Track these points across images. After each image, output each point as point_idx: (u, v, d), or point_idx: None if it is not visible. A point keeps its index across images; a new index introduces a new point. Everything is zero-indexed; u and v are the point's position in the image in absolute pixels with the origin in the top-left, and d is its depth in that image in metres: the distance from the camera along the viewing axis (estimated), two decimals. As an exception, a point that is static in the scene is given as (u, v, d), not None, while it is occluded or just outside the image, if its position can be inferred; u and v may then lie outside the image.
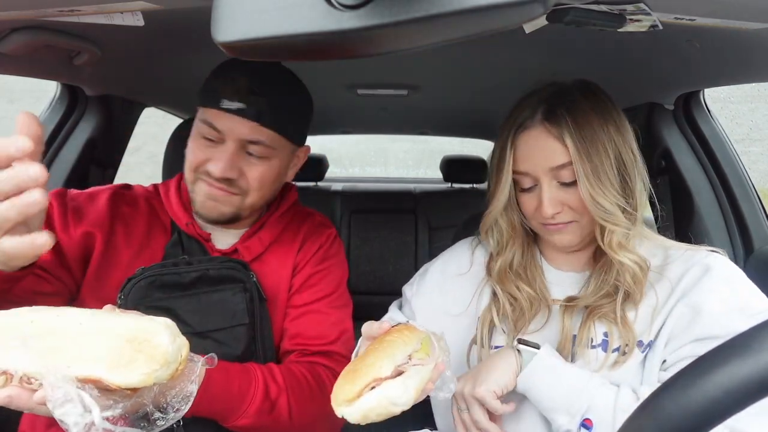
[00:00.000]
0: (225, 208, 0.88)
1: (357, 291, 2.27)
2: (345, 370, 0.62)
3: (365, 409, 0.56)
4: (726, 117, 1.62)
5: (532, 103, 0.78)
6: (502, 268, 0.86)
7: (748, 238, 1.27)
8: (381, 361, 0.60)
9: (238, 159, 0.86)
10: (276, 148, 0.88)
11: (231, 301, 0.85)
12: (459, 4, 0.29)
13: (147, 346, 0.52)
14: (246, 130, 0.84)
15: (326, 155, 2.72)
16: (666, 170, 1.37)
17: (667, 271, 0.78)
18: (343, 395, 0.57)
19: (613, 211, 0.74)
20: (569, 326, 0.78)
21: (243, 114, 0.83)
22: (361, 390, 0.57)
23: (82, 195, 0.91)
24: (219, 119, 0.84)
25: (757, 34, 0.70)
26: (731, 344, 0.35)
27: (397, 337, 0.65)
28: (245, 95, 0.83)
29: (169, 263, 0.85)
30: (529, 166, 0.77)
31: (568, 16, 0.63)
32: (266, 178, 0.89)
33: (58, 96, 1.34)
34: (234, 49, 0.35)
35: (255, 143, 0.86)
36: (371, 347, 0.64)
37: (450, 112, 2.02)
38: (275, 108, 0.85)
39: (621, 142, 0.76)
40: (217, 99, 0.83)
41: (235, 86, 0.83)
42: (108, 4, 0.65)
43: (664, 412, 0.35)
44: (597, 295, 0.78)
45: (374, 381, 0.58)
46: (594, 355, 0.76)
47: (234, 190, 0.87)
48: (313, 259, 0.98)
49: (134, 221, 0.91)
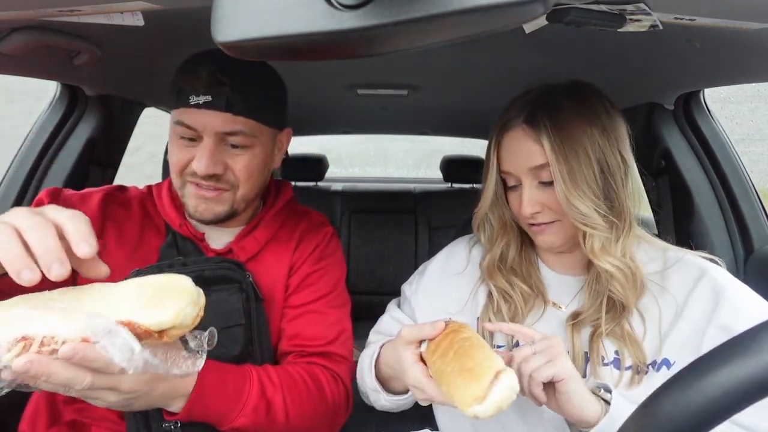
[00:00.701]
0: (218, 207, 0.87)
1: (357, 291, 2.29)
2: (450, 373, 0.62)
3: (498, 402, 0.58)
4: (726, 117, 1.62)
5: (518, 105, 0.79)
6: (491, 262, 0.87)
7: (748, 238, 1.27)
8: (492, 355, 0.62)
9: (219, 153, 0.84)
10: (256, 135, 0.86)
11: (227, 301, 0.85)
12: (459, 4, 0.29)
13: (172, 290, 0.55)
14: (219, 122, 0.82)
15: (326, 155, 2.72)
16: (666, 170, 1.37)
17: (668, 281, 0.77)
18: (472, 395, 0.58)
19: (589, 215, 0.73)
20: (579, 344, 0.78)
21: (212, 106, 0.81)
22: (488, 386, 0.58)
23: (75, 196, 0.90)
24: (191, 116, 0.82)
25: (757, 34, 0.70)
26: (731, 344, 0.35)
27: (471, 333, 0.67)
28: (210, 87, 0.81)
29: (164, 265, 0.84)
30: (511, 166, 0.79)
31: (568, 16, 0.63)
32: (253, 167, 0.87)
33: (58, 96, 1.34)
34: (234, 49, 0.35)
35: (233, 134, 0.84)
36: (456, 348, 0.64)
37: (450, 112, 2.02)
38: (244, 95, 0.83)
39: (606, 146, 0.75)
40: (185, 96, 0.82)
41: (199, 79, 0.81)
42: (108, 4, 0.65)
43: (664, 412, 0.35)
44: (593, 307, 0.78)
45: (495, 375, 0.59)
46: (608, 373, 0.75)
47: (223, 185, 0.86)
48: (310, 258, 0.97)
49: (127, 223, 0.90)
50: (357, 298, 1.07)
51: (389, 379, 0.83)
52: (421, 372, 0.68)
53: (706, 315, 0.72)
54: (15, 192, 1.28)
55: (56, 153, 1.33)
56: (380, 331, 0.98)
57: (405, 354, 0.71)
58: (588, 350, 0.77)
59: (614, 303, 0.77)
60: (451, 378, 0.62)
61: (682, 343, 0.73)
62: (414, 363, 0.70)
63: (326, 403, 0.87)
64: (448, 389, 0.61)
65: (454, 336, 0.67)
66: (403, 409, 0.88)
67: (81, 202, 0.89)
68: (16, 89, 7.29)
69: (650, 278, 0.78)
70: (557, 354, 0.66)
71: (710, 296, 0.73)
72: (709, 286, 0.74)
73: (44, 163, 1.31)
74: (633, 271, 0.76)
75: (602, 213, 0.74)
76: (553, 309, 0.84)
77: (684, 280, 0.77)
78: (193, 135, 0.84)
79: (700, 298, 0.74)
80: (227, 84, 0.81)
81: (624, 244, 0.76)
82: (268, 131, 0.89)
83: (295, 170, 2.61)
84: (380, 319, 1.00)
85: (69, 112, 1.34)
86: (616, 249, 0.76)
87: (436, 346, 0.67)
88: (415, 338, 0.71)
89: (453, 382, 0.61)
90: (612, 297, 0.77)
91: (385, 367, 0.82)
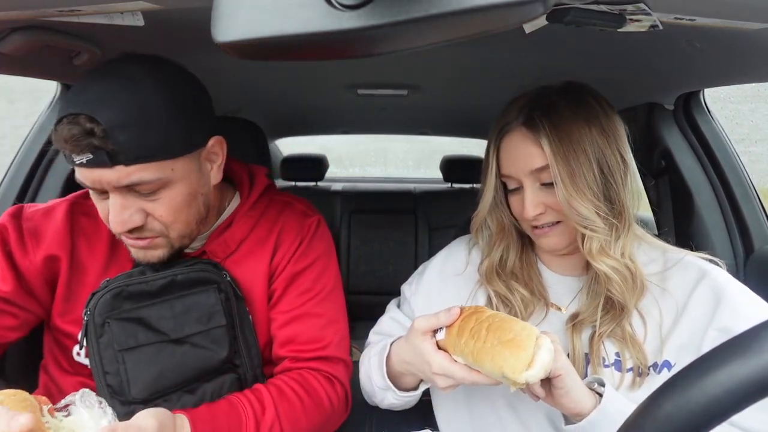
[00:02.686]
0: (157, 252, 0.80)
1: (357, 291, 2.30)
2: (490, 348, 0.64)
3: (545, 365, 0.62)
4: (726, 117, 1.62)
5: (515, 107, 0.79)
6: (489, 267, 0.87)
7: (748, 239, 1.27)
8: (526, 324, 0.65)
9: (131, 205, 0.74)
10: (165, 175, 0.73)
11: (205, 303, 0.82)
12: (459, 4, 0.29)
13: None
14: (114, 177, 0.70)
15: (326, 155, 2.72)
16: (666, 170, 1.37)
17: (668, 282, 0.77)
18: (522, 363, 0.61)
19: (590, 216, 0.73)
20: (579, 346, 0.78)
21: (97, 164, 0.69)
22: (533, 352, 0.62)
23: (38, 213, 0.85)
24: (83, 174, 0.72)
25: (757, 34, 0.70)
26: (731, 344, 0.35)
27: (492, 311, 0.70)
28: (83, 142, 0.68)
29: (135, 272, 0.82)
30: (512, 169, 0.79)
31: (568, 16, 0.63)
32: (177, 205, 0.77)
33: (58, 96, 1.34)
34: (234, 49, 0.35)
35: (137, 184, 0.72)
36: (488, 325, 0.66)
37: (450, 112, 2.02)
38: (126, 140, 0.69)
39: (605, 145, 0.75)
40: (68, 157, 0.71)
41: (71, 135, 0.68)
42: (108, 4, 0.65)
43: (664, 413, 0.35)
44: (591, 308, 0.78)
45: (536, 341, 0.63)
46: (609, 375, 0.75)
47: (149, 234, 0.77)
48: (295, 255, 0.91)
49: (96, 234, 0.86)
50: (357, 298, 1.07)
51: (400, 375, 0.82)
52: (445, 359, 0.69)
53: (707, 317, 0.72)
54: (15, 192, 1.28)
55: (56, 153, 1.33)
56: (380, 331, 0.98)
57: (424, 345, 0.71)
58: (588, 352, 0.77)
59: (613, 304, 0.77)
60: (494, 351, 0.64)
61: (682, 345, 0.73)
62: (436, 351, 0.70)
63: (323, 410, 0.86)
64: (494, 362, 0.63)
65: (477, 316, 0.68)
66: (409, 406, 0.88)
67: (45, 219, 0.85)
68: (16, 89, 7.28)
69: (650, 279, 0.78)
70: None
71: (710, 298, 0.73)
72: (709, 287, 0.74)
73: (44, 163, 1.31)
74: (632, 271, 0.76)
75: (602, 214, 0.74)
76: (554, 311, 0.84)
77: (684, 281, 0.77)
78: (97, 190, 0.74)
79: (701, 300, 0.74)
80: (103, 136, 0.68)
81: (623, 244, 0.76)
82: (182, 161, 0.75)
83: (295, 170, 2.61)
84: (380, 319, 1.00)
85: (69, 112, 1.34)
86: (616, 249, 0.76)
87: (460, 330, 0.68)
88: (432, 327, 0.71)
89: (499, 354, 0.63)
90: (611, 298, 0.76)
91: (397, 363, 0.81)
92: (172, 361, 0.80)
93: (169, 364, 0.80)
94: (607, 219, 0.75)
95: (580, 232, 0.75)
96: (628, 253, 0.77)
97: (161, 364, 0.79)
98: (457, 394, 0.86)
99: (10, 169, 1.31)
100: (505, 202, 0.85)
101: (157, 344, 0.79)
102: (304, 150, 2.78)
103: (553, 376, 0.65)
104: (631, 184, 0.78)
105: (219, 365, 0.83)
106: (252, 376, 0.88)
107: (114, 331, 0.78)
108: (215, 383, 0.84)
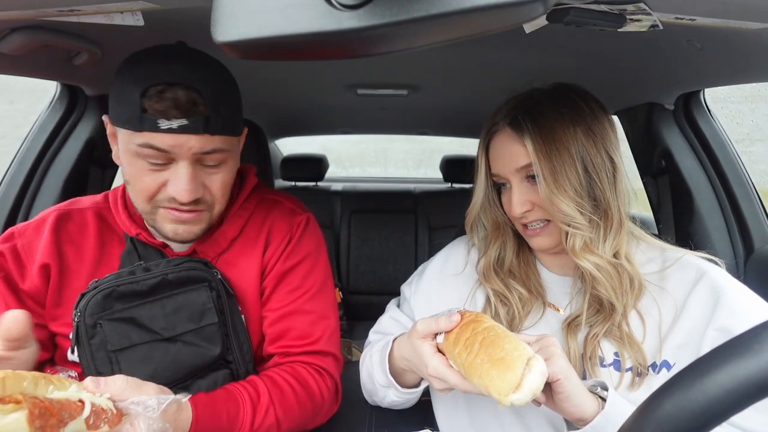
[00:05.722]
0: (197, 227, 0.84)
1: (357, 291, 2.30)
2: (480, 365, 0.62)
3: (533, 389, 0.59)
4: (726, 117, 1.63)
5: (502, 110, 0.81)
6: (487, 265, 0.87)
7: (748, 238, 1.27)
8: (520, 343, 0.62)
9: (198, 176, 0.79)
10: (230, 149, 0.82)
11: (197, 301, 0.83)
12: (459, 4, 0.29)
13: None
14: (197, 144, 0.76)
15: (326, 155, 2.72)
16: (666, 170, 1.37)
17: (667, 282, 0.77)
18: (508, 385, 0.59)
19: (570, 213, 0.74)
20: (575, 347, 0.78)
21: (188, 130, 0.75)
22: (522, 374, 0.59)
23: (28, 228, 0.87)
24: (162, 140, 0.75)
25: (757, 34, 0.70)
26: (732, 344, 0.35)
27: (491, 322, 0.68)
28: (185, 111, 0.74)
29: (124, 272, 0.82)
30: (499, 167, 0.81)
31: (568, 16, 0.63)
32: (227, 182, 0.84)
33: (58, 96, 1.34)
34: (234, 49, 0.35)
35: (210, 153, 0.78)
36: (481, 339, 0.64)
37: (450, 112, 2.02)
38: (217, 111, 0.77)
39: (591, 145, 0.75)
40: (152, 121, 0.73)
41: (171, 104, 0.73)
42: (108, 4, 0.65)
43: (664, 412, 0.35)
44: (584, 307, 0.78)
45: (527, 362, 0.60)
46: (608, 375, 0.75)
47: (202, 207, 0.82)
48: (284, 254, 0.92)
49: (83, 238, 0.87)
50: (357, 298, 1.07)
51: (402, 372, 0.83)
52: (441, 363, 0.69)
53: (706, 316, 0.72)
54: (15, 192, 1.28)
55: (56, 153, 1.33)
56: (380, 331, 0.98)
57: (423, 347, 0.71)
58: (584, 352, 0.77)
59: (602, 303, 0.77)
60: (482, 369, 0.62)
61: (681, 345, 0.73)
62: (434, 355, 0.70)
63: (314, 400, 0.87)
64: (482, 380, 0.62)
65: (474, 326, 0.67)
66: (410, 404, 0.88)
67: (36, 233, 0.86)
68: (16, 89, 7.29)
69: (649, 279, 0.78)
70: (553, 354, 0.66)
71: (709, 297, 0.73)
72: (708, 286, 0.74)
73: (44, 163, 1.32)
74: (619, 270, 0.76)
75: (586, 212, 0.75)
76: (552, 311, 0.84)
77: (683, 280, 0.77)
78: (164, 158, 0.77)
79: (699, 300, 0.74)
80: (203, 104, 0.75)
81: (617, 243, 0.76)
82: (237, 141, 0.86)
83: (295, 170, 2.61)
84: (380, 319, 1.00)
85: (69, 112, 1.34)
86: (604, 248, 0.76)
87: (456, 338, 0.67)
88: (432, 332, 0.71)
89: (486, 373, 0.61)
90: (599, 297, 0.77)
91: (399, 360, 0.82)
92: (166, 359, 0.80)
93: (163, 362, 0.80)
94: (590, 217, 0.75)
95: (563, 230, 0.76)
96: (624, 253, 0.77)
97: (155, 363, 0.80)
98: (456, 394, 0.86)
99: (10, 169, 1.31)
100: (497, 200, 0.86)
101: (149, 343, 0.80)
102: (304, 150, 2.78)
103: (552, 381, 0.64)
104: (620, 184, 0.78)
105: (212, 362, 0.84)
106: (245, 372, 0.89)
107: (106, 331, 0.78)
108: (209, 379, 0.84)
